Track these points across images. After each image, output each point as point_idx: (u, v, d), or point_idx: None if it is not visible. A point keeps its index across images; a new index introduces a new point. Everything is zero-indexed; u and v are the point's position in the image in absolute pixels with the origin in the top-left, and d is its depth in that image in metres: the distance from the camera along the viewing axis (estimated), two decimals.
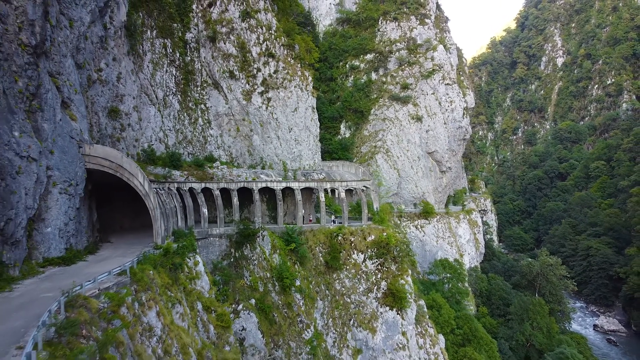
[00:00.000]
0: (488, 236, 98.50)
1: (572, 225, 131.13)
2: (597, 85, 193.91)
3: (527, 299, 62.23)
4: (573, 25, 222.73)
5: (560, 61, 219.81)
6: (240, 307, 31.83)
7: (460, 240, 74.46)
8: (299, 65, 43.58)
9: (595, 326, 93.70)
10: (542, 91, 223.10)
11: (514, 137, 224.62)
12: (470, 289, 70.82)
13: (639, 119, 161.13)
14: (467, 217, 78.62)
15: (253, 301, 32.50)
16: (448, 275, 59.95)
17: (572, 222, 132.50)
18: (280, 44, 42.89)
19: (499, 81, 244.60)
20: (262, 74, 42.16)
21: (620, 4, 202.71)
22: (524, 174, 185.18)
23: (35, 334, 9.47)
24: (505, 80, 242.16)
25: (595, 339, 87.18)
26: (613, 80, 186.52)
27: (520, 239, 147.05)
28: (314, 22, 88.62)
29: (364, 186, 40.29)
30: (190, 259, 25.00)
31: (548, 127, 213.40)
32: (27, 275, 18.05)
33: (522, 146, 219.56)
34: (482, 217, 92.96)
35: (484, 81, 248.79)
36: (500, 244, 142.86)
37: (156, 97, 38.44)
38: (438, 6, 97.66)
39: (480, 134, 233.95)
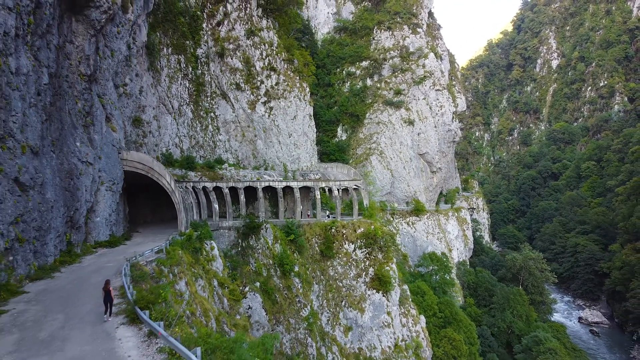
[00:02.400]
0: (478, 233, 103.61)
1: (563, 223, 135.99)
2: (590, 87, 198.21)
3: (508, 289, 67.47)
4: (568, 28, 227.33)
5: (555, 63, 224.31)
6: (247, 289, 37.12)
7: (449, 236, 79.66)
8: (297, 77, 48.89)
9: (580, 318, 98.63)
10: (537, 93, 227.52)
11: (510, 137, 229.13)
12: (458, 281, 76.08)
13: (630, 120, 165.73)
14: (456, 214, 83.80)
15: (258, 284, 37.78)
16: (435, 267, 65.18)
17: (562, 220, 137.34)
18: (281, 58, 48.21)
19: (495, 83, 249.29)
20: (265, 86, 47.50)
21: (614, 8, 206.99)
22: (519, 174, 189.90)
23: (124, 279, 14.79)
24: (502, 82, 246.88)
25: (579, 330, 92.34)
26: (606, 82, 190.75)
27: (513, 237, 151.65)
28: (313, 31, 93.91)
29: (355, 185, 45.56)
30: (207, 244, 30.36)
31: (543, 128, 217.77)
32: (86, 253, 23.43)
33: (518, 147, 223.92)
34: (471, 215, 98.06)
35: (481, 83, 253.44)
36: (495, 241, 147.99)
37: (172, 107, 43.78)
38: (431, 14, 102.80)
39: (477, 134, 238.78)
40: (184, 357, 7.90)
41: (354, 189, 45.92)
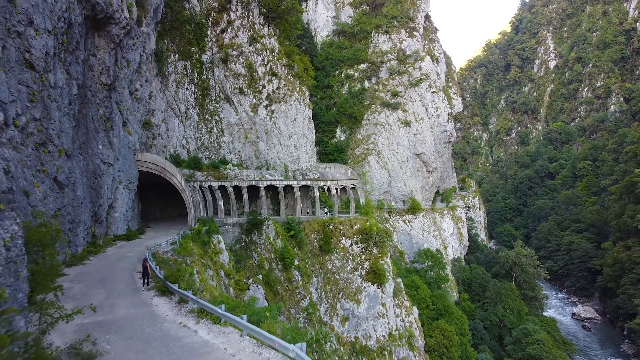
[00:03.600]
0: (474, 231, 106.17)
1: (558, 222, 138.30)
2: (587, 88, 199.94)
3: (500, 284, 70.10)
4: (565, 29, 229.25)
5: (552, 64, 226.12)
6: (250, 281, 39.75)
7: (444, 233, 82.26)
8: (297, 82, 51.51)
9: (573, 314, 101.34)
10: (535, 93, 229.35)
11: (508, 137, 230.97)
12: (453, 277, 78.67)
13: (625, 120, 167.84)
14: (451, 213, 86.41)
15: (260, 277, 40.42)
16: (430, 263, 67.82)
17: (558, 219, 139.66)
18: (282, 64, 50.82)
19: (493, 83, 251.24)
20: (267, 90, 50.12)
21: (610, 9, 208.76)
22: (516, 174, 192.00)
23: (150, 263, 17.45)
24: (500, 82, 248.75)
25: (572, 325, 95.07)
26: (602, 83, 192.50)
27: (510, 236, 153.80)
28: (313, 34, 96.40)
29: (352, 184, 48.17)
30: (214, 238, 32.97)
31: (540, 128, 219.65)
32: (107, 245, 26.09)
33: (516, 146, 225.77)
34: (466, 214, 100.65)
35: (479, 83, 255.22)
36: (493, 240, 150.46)
37: (179, 110, 46.41)
38: (428, 18, 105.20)
39: (475, 134, 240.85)
40: (211, 312, 10.41)
41: (351, 188, 48.53)
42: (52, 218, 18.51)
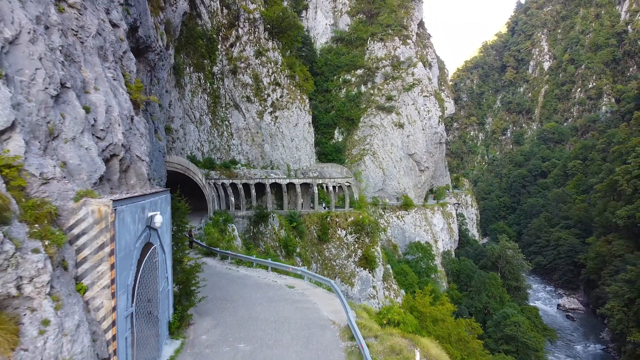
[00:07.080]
0: (464, 227, 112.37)
1: (548, 219, 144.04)
2: (579, 89, 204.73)
3: (485, 274, 76.34)
4: (559, 31, 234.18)
5: (546, 65, 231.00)
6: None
7: (434, 228, 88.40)
8: (298, 91, 57.64)
9: (558, 305, 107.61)
10: (530, 94, 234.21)
11: (503, 137, 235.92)
12: (443, 269, 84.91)
13: (614, 120, 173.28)
14: (441, 209, 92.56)
15: None
16: (420, 255, 74.04)
17: (548, 216, 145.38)
18: (285, 75, 56.94)
19: (489, 84, 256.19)
20: (271, 98, 56.26)
21: (603, 12, 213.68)
22: (510, 172, 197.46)
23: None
24: (496, 83, 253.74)
25: (557, 315, 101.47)
26: (594, 84, 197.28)
27: (503, 233, 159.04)
28: (312, 41, 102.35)
29: (347, 182, 54.34)
30: (229, 227, 39.12)
31: (535, 127, 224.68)
32: None
33: (511, 146, 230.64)
34: (457, 210, 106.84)
35: (476, 84, 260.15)
36: (487, 236, 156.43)
37: (194, 117, 52.55)
38: (421, 24, 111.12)
39: (471, 134, 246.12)
40: (245, 261, 16.37)
41: (347, 185, 54.72)
42: None
